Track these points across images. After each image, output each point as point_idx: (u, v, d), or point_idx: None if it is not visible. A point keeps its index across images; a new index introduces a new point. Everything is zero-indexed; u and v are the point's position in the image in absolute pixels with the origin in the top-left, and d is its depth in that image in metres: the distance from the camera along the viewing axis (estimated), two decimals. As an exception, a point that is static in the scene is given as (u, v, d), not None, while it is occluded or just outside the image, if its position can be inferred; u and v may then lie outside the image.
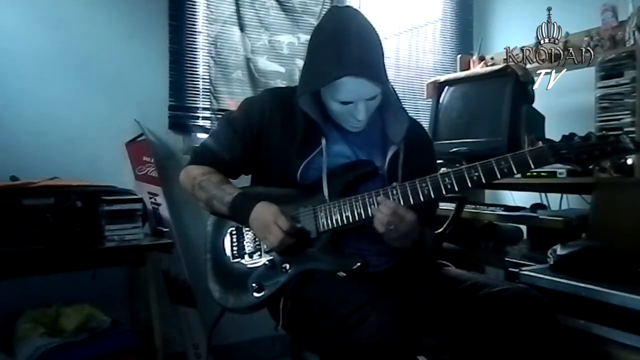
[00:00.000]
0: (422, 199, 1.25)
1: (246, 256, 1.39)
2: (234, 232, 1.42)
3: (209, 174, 1.44)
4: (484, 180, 1.21)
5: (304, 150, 1.38)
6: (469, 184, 1.22)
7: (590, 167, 1.90)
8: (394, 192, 1.27)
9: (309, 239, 1.33)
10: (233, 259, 1.40)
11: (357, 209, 1.30)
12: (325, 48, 1.30)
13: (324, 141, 1.38)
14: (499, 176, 1.21)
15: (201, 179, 1.43)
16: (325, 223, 1.32)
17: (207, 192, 1.41)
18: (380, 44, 1.35)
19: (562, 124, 1.21)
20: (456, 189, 1.23)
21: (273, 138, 1.43)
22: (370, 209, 1.26)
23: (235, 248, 1.41)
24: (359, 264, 1.28)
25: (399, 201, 1.26)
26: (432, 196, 1.24)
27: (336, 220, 1.31)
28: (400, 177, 1.37)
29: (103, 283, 2.17)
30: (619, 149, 1.14)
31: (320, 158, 1.38)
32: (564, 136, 1.19)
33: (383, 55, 1.35)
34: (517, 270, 1.65)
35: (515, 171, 1.21)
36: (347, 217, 1.30)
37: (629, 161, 1.85)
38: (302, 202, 1.36)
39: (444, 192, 1.24)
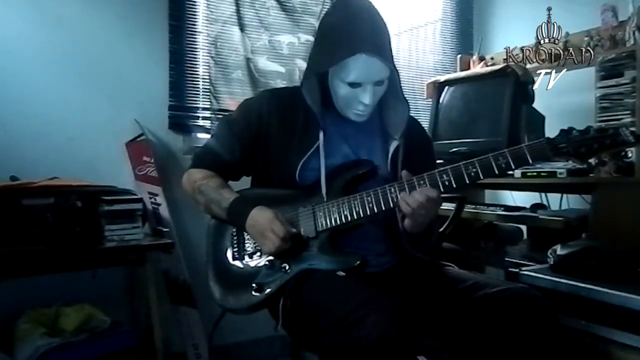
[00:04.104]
0: None
1: (246, 257, 1.39)
2: (234, 233, 1.42)
3: (208, 178, 1.45)
4: (481, 176, 1.21)
5: (302, 147, 1.38)
6: (467, 180, 1.22)
7: (590, 160, 1.92)
8: (392, 190, 1.27)
9: (305, 243, 1.33)
10: (233, 259, 1.41)
11: (355, 208, 1.30)
12: (338, 29, 1.32)
13: (321, 135, 1.38)
14: (496, 171, 1.20)
15: (200, 183, 1.44)
16: (324, 222, 1.32)
17: (206, 196, 1.42)
18: (388, 31, 1.37)
19: (562, 124, 1.20)
20: (454, 185, 1.23)
21: (271, 139, 1.43)
22: (400, 194, 1.25)
23: (235, 249, 1.41)
24: (358, 262, 1.28)
25: (397, 199, 1.26)
26: None
27: (335, 219, 1.31)
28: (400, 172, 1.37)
29: (103, 283, 2.17)
30: (617, 142, 1.13)
31: (318, 157, 1.37)
32: (562, 130, 1.18)
33: (390, 41, 1.36)
34: (517, 270, 1.66)
35: (513, 166, 1.20)
36: (346, 216, 1.31)
37: (629, 155, 1.85)
38: (302, 203, 1.36)
39: (441, 189, 1.24)
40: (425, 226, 1.31)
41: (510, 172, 2.11)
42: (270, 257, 1.35)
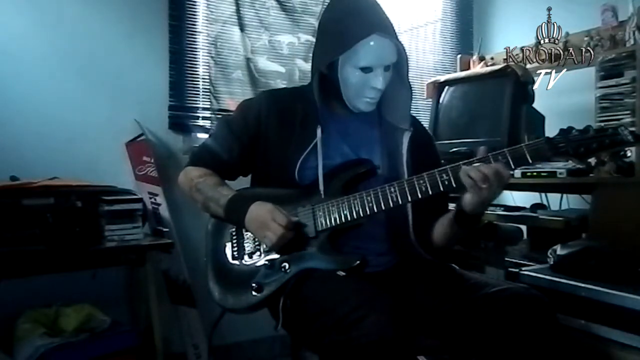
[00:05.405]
0: (419, 195, 1.25)
1: (246, 256, 1.39)
2: (234, 233, 1.42)
3: (205, 176, 1.45)
4: None
5: (300, 145, 1.38)
6: None
7: (590, 160, 1.92)
8: (392, 189, 1.27)
9: (308, 236, 1.33)
10: (233, 259, 1.41)
11: (355, 207, 1.30)
12: (346, 17, 1.33)
13: (319, 131, 1.38)
14: None
15: (198, 181, 1.43)
16: (323, 222, 1.32)
17: (204, 194, 1.42)
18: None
19: (562, 124, 1.20)
20: (454, 185, 1.23)
21: (270, 139, 1.43)
22: (462, 168, 1.21)
23: (235, 248, 1.41)
24: (358, 262, 1.28)
25: (397, 199, 1.27)
26: (430, 193, 1.24)
27: (334, 219, 1.31)
28: (411, 166, 1.37)
29: (103, 283, 2.17)
30: (617, 142, 1.13)
31: (317, 155, 1.37)
32: (561, 130, 1.18)
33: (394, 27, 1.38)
34: (517, 270, 1.66)
35: (513, 166, 1.20)
36: (346, 216, 1.31)
37: (629, 154, 1.84)
38: (301, 202, 1.36)
39: (441, 188, 1.23)
40: (487, 205, 1.27)
41: (510, 172, 2.12)
42: (270, 257, 1.35)
